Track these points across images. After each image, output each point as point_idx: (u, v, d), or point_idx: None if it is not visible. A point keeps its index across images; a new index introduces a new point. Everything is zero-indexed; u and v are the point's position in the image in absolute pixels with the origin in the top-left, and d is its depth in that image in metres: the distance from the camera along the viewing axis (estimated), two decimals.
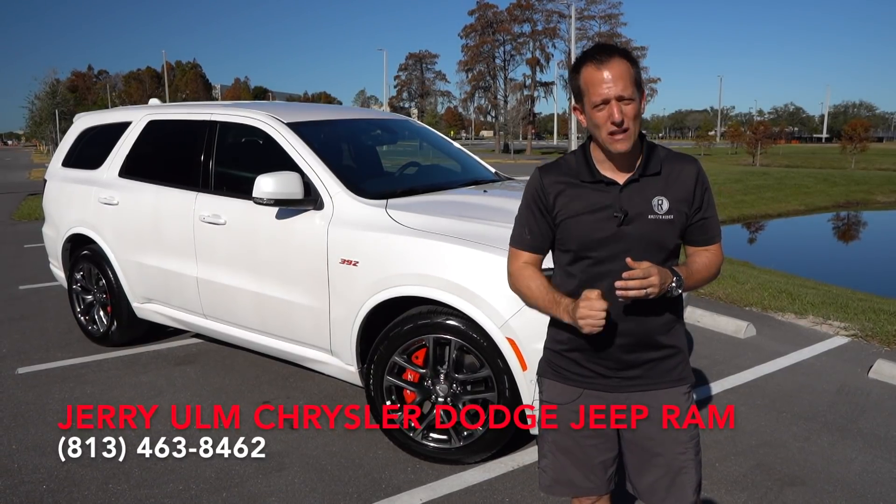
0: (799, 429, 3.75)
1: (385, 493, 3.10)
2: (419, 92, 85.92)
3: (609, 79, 1.68)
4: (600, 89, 1.69)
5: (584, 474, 1.92)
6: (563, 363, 1.90)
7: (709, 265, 1.87)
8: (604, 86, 1.69)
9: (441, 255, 3.23)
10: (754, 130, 44.04)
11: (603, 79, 1.69)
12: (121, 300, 4.88)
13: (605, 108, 1.70)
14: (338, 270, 3.54)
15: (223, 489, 3.13)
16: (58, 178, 5.47)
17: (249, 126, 4.19)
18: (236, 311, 4.17)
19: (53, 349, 5.07)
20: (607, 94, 1.69)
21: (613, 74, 1.68)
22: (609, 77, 1.68)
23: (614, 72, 1.69)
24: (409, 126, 5.33)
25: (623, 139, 1.71)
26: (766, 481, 3.20)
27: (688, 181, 1.80)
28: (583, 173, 1.81)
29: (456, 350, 3.24)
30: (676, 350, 1.87)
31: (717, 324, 5.54)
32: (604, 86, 1.69)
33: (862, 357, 4.84)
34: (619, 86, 1.68)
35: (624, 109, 1.69)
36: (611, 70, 1.69)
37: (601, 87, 1.69)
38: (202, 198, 4.26)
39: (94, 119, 5.48)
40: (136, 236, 4.68)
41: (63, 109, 45.26)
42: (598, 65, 1.70)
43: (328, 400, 4.11)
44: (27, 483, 3.18)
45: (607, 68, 1.69)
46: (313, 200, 3.69)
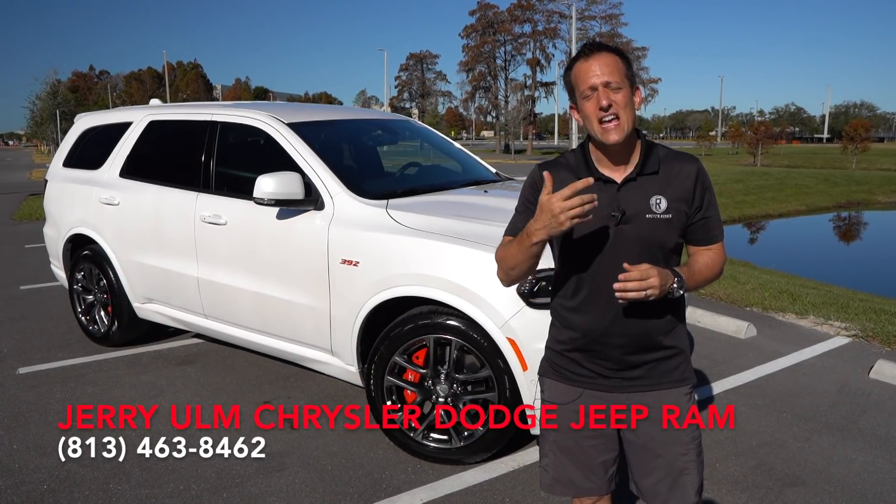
0: (799, 429, 3.75)
1: (385, 494, 3.10)
2: (420, 92, 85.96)
3: (596, 68, 1.72)
4: (587, 77, 1.73)
5: (584, 474, 1.92)
6: (564, 363, 1.90)
7: (711, 265, 1.86)
8: (590, 74, 1.73)
9: (441, 255, 3.23)
10: (755, 131, 44.04)
11: (590, 68, 1.73)
12: (121, 300, 4.89)
13: (592, 95, 1.73)
14: (338, 270, 3.54)
15: (224, 489, 3.14)
16: (59, 178, 5.47)
17: (250, 126, 4.19)
18: (237, 312, 4.17)
19: (54, 349, 5.07)
20: (594, 82, 1.72)
21: (600, 64, 1.73)
22: (596, 66, 1.73)
23: (601, 62, 1.73)
24: (410, 126, 5.33)
25: (614, 128, 1.72)
26: (767, 481, 3.20)
27: (687, 180, 1.80)
28: (581, 171, 1.81)
29: (456, 350, 3.24)
30: (678, 350, 1.87)
31: (718, 324, 5.53)
32: (590, 74, 1.73)
33: (863, 357, 4.84)
34: (605, 73, 1.72)
35: (612, 96, 1.71)
36: (598, 61, 1.73)
37: (588, 75, 1.73)
38: (203, 198, 4.26)
39: (95, 119, 5.49)
40: (136, 236, 4.68)
41: (64, 110, 45.23)
42: (587, 58, 1.74)
43: (329, 400, 4.12)
44: (28, 483, 3.19)
45: (595, 60, 1.73)
46: (314, 201, 3.69)
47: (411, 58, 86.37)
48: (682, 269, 1.78)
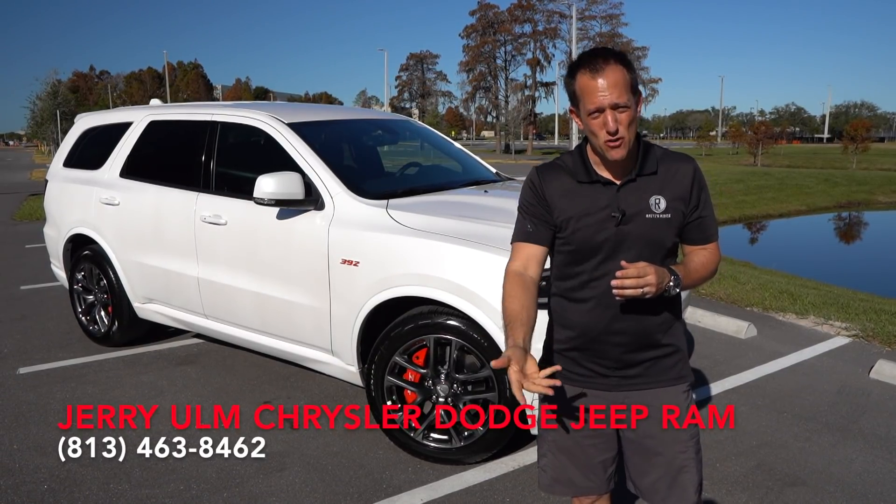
0: (800, 429, 3.74)
1: (386, 494, 3.10)
2: (420, 92, 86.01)
3: (604, 87, 1.68)
4: (595, 98, 1.69)
5: (583, 474, 1.92)
6: (562, 362, 1.90)
7: (706, 263, 1.87)
8: (598, 94, 1.68)
9: (442, 255, 3.23)
10: (755, 131, 44.04)
11: (598, 87, 1.68)
12: (122, 300, 4.89)
13: (599, 116, 1.70)
14: (339, 270, 3.55)
15: (224, 489, 3.14)
16: (59, 178, 5.47)
17: (250, 126, 4.19)
18: (237, 312, 4.17)
19: (54, 349, 5.07)
20: (601, 103, 1.68)
21: (608, 82, 1.68)
22: (604, 85, 1.68)
23: (609, 80, 1.68)
24: (410, 126, 5.33)
25: (618, 148, 1.72)
26: (767, 481, 3.20)
27: (684, 180, 1.81)
28: (580, 173, 1.82)
29: (457, 350, 3.24)
30: (675, 349, 1.87)
31: (718, 324, 5.53)
32: (598, 94, 1.68)
33: (863, 357, 4.84)
34: (613, 94, 1.68)
35: (619, 118, 1.69)
36: (605, 78, 1.68)
37: (595, 95, 1.69)
38: (203, 198, 4.26)
39: (95, 119, 5.49)
40: (137, 236, 4.69)
41: (64, 110, 45.22)
42: (593, 73, 1.69)
43: (329, 400, 4.12)
44: (28, 483, 3.19)
45: (602, 76, 1.68)
46: (314, 201, 3.69)
47: (411, 58, 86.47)
48: (678, 267, 1.78)
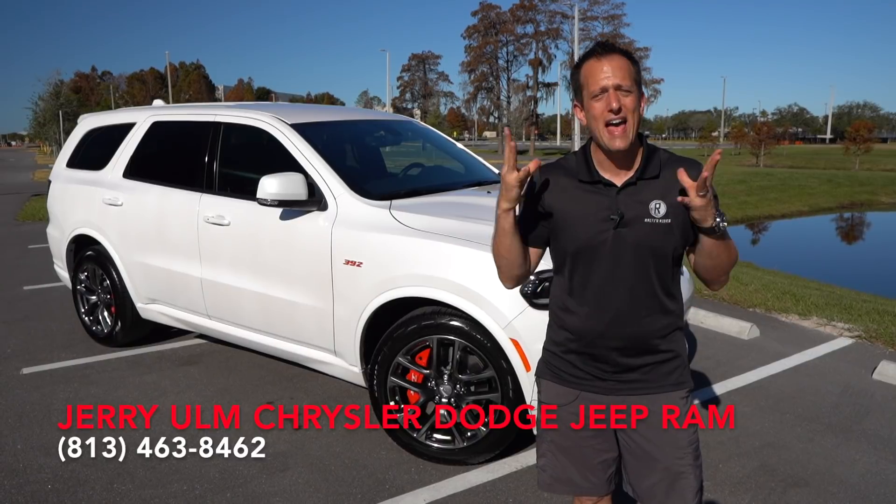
0: (802, 430, 3.74)
1: (389, 494, 3.10)
2: (422, 93, 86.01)
3: (608, 69, 1.71)
4: (599, 78, 1.72)
5: (583, 474, 1.92)
6: (560, 364, 1.90)
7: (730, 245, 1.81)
8: (602, 75, 1.72)
9: (445, 256, 3.24)
10: (758, 131, 44.04)
11: (602, 69, 1.72)
12: (125, 301, 4.90)
13: (602, 97, 1.72)
14: (342, 271, 3.55)
15: (227, 489, 3.14)
16: (62, 178, 5.48)
17: (253, 127, 4.20)
18: (240, 312, 4.18)
19: (58, 349, 5.08)
20: (605, 83, 1.71)
21: (613, 66, 1.72)
22: (608, 68, 1.72)
23: (614, 64, 1.72)
24: (413, 127, 5.33)
25: (620, 134, 1.71)
26: (770, 482, 3.19)
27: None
28: (581, 173, 1.81)
29: (459, 351, 3.25)
30: (675, 354, 1.85)
31: (721, 325, 5.53)
32: (602, 75, 1.72)
33: (866, 358, 4.83)
34: (617, 76, 1.71)
35: (622, 99, 1.71)
36: (610, 63, 1.72)
37: (600, 75, 1.72)
38: (206, 199, 4.27)
39: (98, 120, 5.50)
40: (140, 237, 4.69)
41: (67, 110, 45.37)
42: (599, 58, 1.73)
43: (331, 401, 4.12)
44: (32, 483, 3.20)
45: (607, 61, 1.72)
46: (317, 201, 3.70)
47: (413, 58, 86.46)
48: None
